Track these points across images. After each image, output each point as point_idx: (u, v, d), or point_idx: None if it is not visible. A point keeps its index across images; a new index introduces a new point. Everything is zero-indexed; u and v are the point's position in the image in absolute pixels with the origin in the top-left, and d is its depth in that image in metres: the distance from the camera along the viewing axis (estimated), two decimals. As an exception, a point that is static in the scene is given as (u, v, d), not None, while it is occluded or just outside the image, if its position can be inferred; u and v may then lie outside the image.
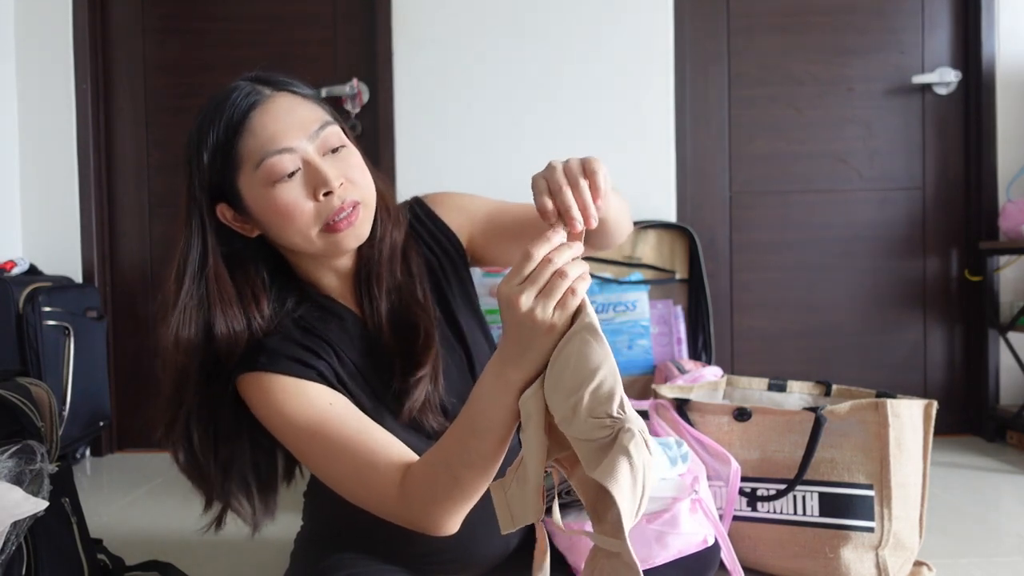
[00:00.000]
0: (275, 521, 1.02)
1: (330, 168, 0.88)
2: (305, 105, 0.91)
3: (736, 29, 2.47)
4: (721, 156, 2.48)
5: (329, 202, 0.88)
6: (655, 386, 1.52)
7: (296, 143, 0.87)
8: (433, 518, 0.80)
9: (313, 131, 0.89)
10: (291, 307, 0.97)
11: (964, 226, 2.47)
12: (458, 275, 1.07)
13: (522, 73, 2.40)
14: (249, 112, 0.88)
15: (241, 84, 0.91)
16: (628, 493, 0.63)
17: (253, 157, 0.87)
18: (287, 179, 0.87)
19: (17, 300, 2.04)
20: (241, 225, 0.93)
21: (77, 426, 2.16)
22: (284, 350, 0.91)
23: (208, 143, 0.88)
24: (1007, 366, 2.39)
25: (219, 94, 0.90)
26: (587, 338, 0.67)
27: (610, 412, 0.66)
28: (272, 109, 0.88)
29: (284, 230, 0.90)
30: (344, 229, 0.89)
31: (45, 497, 1.05)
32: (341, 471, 0.86)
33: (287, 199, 0.87)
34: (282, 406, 0.88)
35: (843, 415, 1.28)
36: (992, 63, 2.40)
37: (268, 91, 0.90)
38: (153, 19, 2.51)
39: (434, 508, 0.80)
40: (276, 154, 0.86)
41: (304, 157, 0.88)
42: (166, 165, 2.52)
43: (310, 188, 0.88)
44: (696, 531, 1.06)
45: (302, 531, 1.14)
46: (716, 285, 2.44)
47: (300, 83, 0.94)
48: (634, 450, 0.64)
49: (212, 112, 0.89)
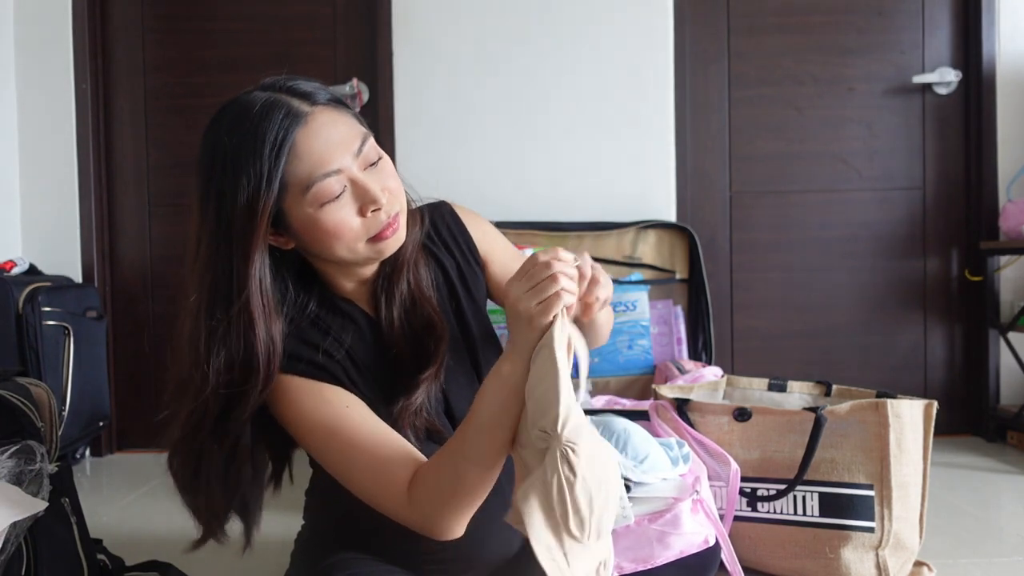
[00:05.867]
0: (274, 521, 1.02)
1: (373, 183, 0.88)
2: (342, 119, 0.89)
3: (736, 29, 2.47)
4: (721, 156, 2.48)
5: (376, 218, 0.89)
6: (655, 386, 1.52)
7: (342, 163, 0.86)
8: (438, 519, 0.83)
9: (356, 148, 0.88)
10: (312, 308, 0.97)
11: (964, 226, 2.47)
12: (475, 282, 1.07)
13: (522, 72, 2.40)
14: (294, 135, 0.84)
15: (276, 100, 0.86)
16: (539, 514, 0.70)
17: (302, 182, 0.85)
18: (336, 200, 0.86)
19: (17, 300, 2.04)
20: (276, 239, 0.91)
21: (77, 426, 2.15)
22: (302, 353, 0.92)
23: (248, 170, 0.83)
24: (1007, 366, 2.39)
25: (250, 112, 0.85)
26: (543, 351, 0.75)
27: (544, 427, 0.71)
28: (315, 129, 0.86)
29: (330, 247, 0.89)
30: (389, 237, 0.91)
31: (45, 497, 1.05)
32: (355, 472, 0.88)
33: (336, 219, 0.87)
34: (300, 405, 0.90)
35: (843, 415, 1.28)
36: (992, 63, 2.40)
37: (307, 108, 0.87)
38: (153, 19, 2.51)
39: (439, 509, 0.82)
40: (324, 178, 0.85)
41: (350, 176, 0.87)
42: (166, 165, 2.52)
43: (358, 206, 0.88)
44: (697, 531, 1.07)
45: (302, 531, 1.14)
46: (716, 285, 2.44)
47: (326, 88, 0.92)
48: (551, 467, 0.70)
49: (249, 135, 0.84)
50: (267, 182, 0.83)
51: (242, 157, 0.83)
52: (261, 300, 0.87)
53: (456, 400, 1.00)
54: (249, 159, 0.83)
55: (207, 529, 0.96)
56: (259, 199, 0.83)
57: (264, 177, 0.83)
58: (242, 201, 0.84)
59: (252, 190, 0.83)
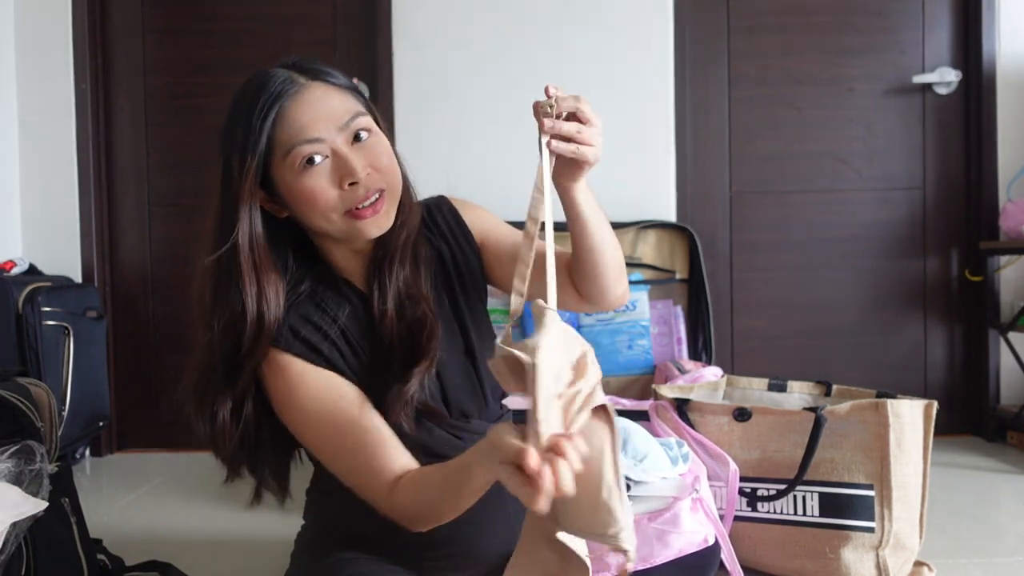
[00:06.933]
0: (274, 521, 1.02)
1: (357, 158, 0.91)
2: (338, 96, 0.94)
3: (736, 29, 2.47)
4: (721, 156, 2.48)
5: (354, 191, 0.91)
6: (655, 386, 1.52)
7: (325, 134, 0.90)
8: (415, 524, 0.91)
9: (343, 122, 0.91)
10: (308, 284, 1.00)
11: (964, 226, 2.47)
12: (471, 274, 1.08)
13: (522, 73, 2.40)
14: (283, 101, 0.90)
15: (279, 71, 0.93)
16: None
17: (283, 145, 0.90)
18: (314, 167, 0.90)
19: (17, 300, 2.04)
20: (271, 206, 0.96)
21: (77, 426, 2.15)
22: (300, 330, 0.95)
23: (243, 127, 0.90)
24: (1007, 366, 2.39)
25: (256, 78, 0.93)
26: None
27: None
28: (305, 99, 0.91)
29: (308, 214, 0.93)
30: (368, 217, 0.93)
31: (44, 497, 1.05)
32: (341, 463, 0.94)
33: (312, 186, 0.90)
34: (295, 392, 0.93)
35: (843, 415, 1.28)
36: (992, 63, 2.40)
37: (303, 80, 0.92)
38: (153, 19, 2.51)
39: (417, 517, 0.90)
40: (305, 143, 0.89)
41: (332, 147, 0.91)
42: (166, 165, 2.52)
43: (336, 177, 0.91)
44: (697, 530, 1.07)
45: (303, 531, 1.14)
46: (716, 285, 2.44)
47: (337, 72, 0.97)
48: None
49: (249, 96, 0.91)
50: (254, 140, 0.89)
51: (240, 115, 0.91)
52: (252, 254, 0.92)
53: (452, 388, 1.01)
54: (243, 117, 0.90)
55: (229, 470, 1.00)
56: (246, 152, 0.90)
57: (252, 133, 0.89)
58: (235, 153, 0.91)
59: (241, 143, 0.90)
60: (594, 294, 1.01)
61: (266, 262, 0.93)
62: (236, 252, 0.91)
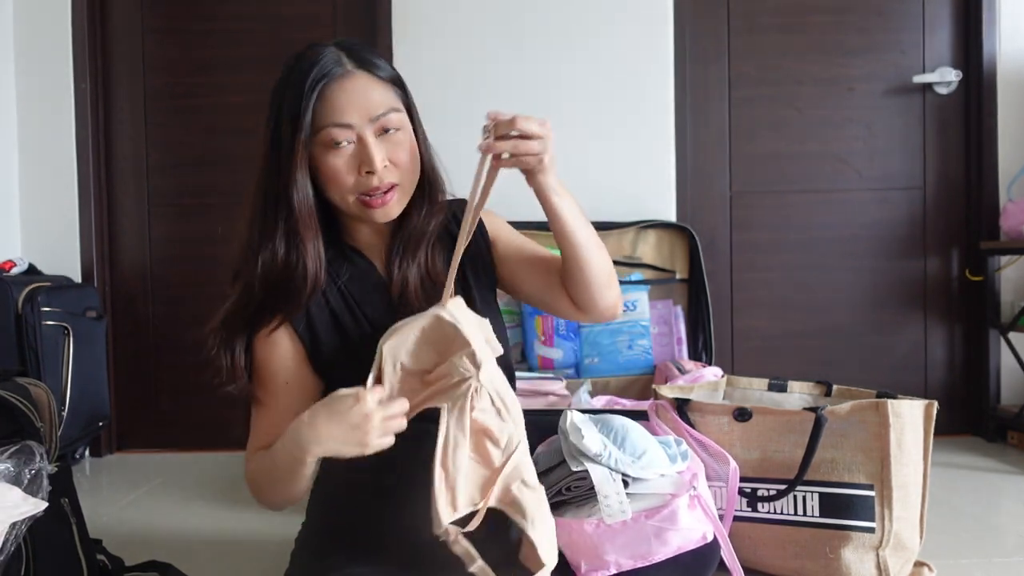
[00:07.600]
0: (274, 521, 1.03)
1: (379, 149, 0.99)
2: (379, 88, 1.01)
3: (736, 29, 2.47)
4: (721, 156, 2.48)
5: (368, 180, 0.99)
6: (655, 386, 1.52)
7: (356, 120, 0.98)
8: (258, 500, 1.03)
9: (376, 114, 0.99)
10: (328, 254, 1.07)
11: (964, 226, 2.47)
12: (484, 265, 1.15)
13: (522, 73, 2.40)
14: (328, 81, 0.97)
15: (330, 50, 0.99)
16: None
17: (319, 123, 0.98)
18: (339, 148, 0.98)
19: (16, 300, 2.04)
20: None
21: (76, 426, 2.15)
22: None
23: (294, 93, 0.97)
24: (1008, 366, 2.39)
25: (309, 54, 0.99)
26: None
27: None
28: (346, 86, 0.98)
29: (328, 189, 1.02)
30: (376, 207, 1.01)
31: (44, 498, 1.04)
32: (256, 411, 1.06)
33: (334, 165, 0.99)
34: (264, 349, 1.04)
35: (844, 415, 1.28)
36: (993, 63, 2.40)
37: (350, 67, 0.99)
38: (153, 19, 2.51)
39: (255, 491, 1.02)
40: (335, 127, 0.97)
41: (360, 134, 0.98)
42: (166, 165, 2.52)
43: (356, 163, 0.99)
44: (695, 527, 1.06)
45: (302, 531, 1.14)
46: (716, 285, 2.44)
47: (384, 63, 1.04)
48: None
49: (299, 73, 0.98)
50: (303, 109, 0.97)
51: (292, 85, 0.98)
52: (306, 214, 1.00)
53: None
54: (296, 88, 0.98)
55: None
56: (300, 117, 0.97)
57: (301, 103, 0.97)
58: (289, 116, 0.98)
59: (293, 110, 0.97)
60: (585, 299, 1.07)
61: (315, 222, 1.02)
62: (291, 211, 0.99)
